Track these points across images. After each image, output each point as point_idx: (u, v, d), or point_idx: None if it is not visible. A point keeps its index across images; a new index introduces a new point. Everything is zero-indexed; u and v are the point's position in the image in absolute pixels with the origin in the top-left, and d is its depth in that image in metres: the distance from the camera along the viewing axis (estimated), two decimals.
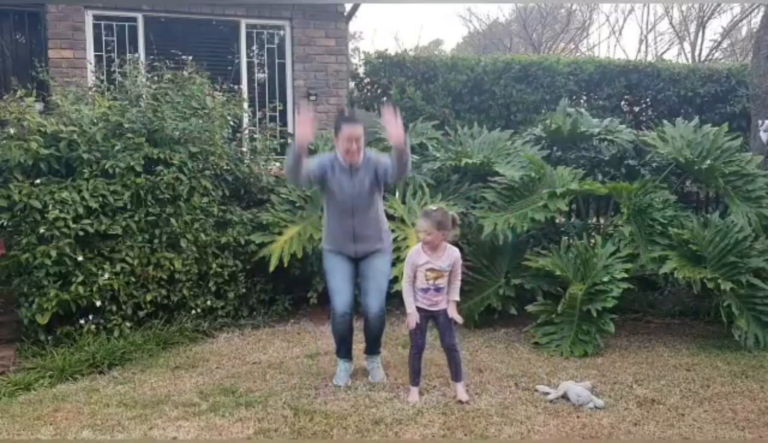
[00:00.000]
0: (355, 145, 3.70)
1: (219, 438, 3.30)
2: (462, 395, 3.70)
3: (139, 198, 5.04)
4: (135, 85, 5.67)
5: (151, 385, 4.06)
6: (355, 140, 3.69)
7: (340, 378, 3.96)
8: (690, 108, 9.27)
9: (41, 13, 7.14)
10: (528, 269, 5.23)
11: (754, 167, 5.59)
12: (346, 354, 4.04)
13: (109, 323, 4.84)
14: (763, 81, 6.89)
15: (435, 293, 3.73)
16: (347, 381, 3.93)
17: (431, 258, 3.69)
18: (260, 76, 8.08)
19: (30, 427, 3.45)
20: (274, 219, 5.61)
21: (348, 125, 3.72)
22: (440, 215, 3.65)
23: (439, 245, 3.69)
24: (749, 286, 4.79)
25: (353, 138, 3.69)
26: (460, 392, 3.72)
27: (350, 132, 3.70)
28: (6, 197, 4.71)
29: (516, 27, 23.00)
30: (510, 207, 5.49)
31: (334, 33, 8.09)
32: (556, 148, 6.50)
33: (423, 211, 3.78)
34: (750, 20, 18.43)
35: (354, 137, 3.69)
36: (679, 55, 20.74)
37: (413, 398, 3.71)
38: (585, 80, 9.44)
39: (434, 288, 3.72)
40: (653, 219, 5.17)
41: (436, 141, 6.58)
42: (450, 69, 9.06)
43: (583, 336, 4.68)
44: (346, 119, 3.77)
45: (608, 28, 30.97)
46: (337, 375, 3.99)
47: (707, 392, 3.87)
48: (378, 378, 4.05)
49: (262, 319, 5.52)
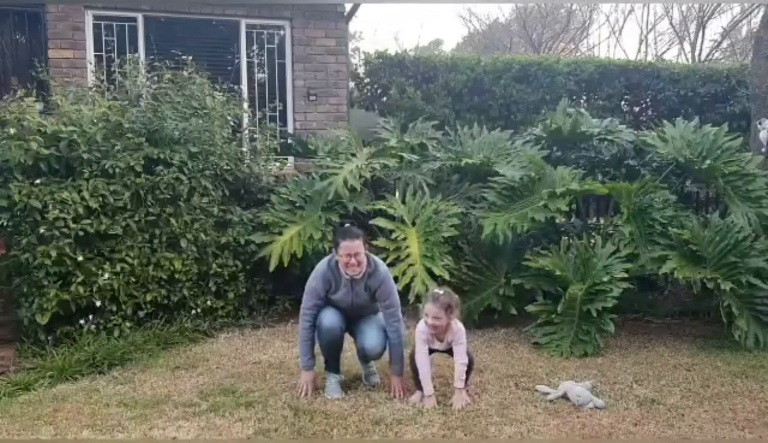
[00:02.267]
0: (354, 259, 3.73)
1: (219, 438, 3.30)
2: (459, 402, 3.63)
3: (139, 198, 5.03)
4: (135, 85, 5.67)
5: (151, 385, 4.06)
6: (354, 255, 3.73)
7: (332, 390, 3.85)
8: (690, 108, 9.28)
9: (41, 13, 7.14)
10: (528, 269, 5.22)
11: (754, 167, 5.59)
12: (334, 368, 3.94)
13: (109, 324, 4.84)
14: (763, 81, 6.90)
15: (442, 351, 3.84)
16: (341, 393, 3.84)
17: (434, 341, 3.75)
18: (260, 76, 8.08)
19: (30, 427, 3.45)
20: (274, 219, 5.60)
21: (346, 241, 3.74)
22: (448, 299, 3.67)
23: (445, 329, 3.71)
24: (749, 286, 4.79)
25: (352, 254, 3.73)
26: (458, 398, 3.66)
27: (348, 248, 3.73)
28: (6, 197, 4.70)
29: (516, 27, 22.98)
30: (510, 207, 5.49)
31: (334, 33, 8.09)
32: (556, 148, 6.50)
33: (431, 294, 3.73)
34: (750, 20, 18.44)
35: (353, 252, 3.73)
36: (679, 55, 20.74)
37: (414, 398, 3.71)
38: (585, 80, 9.45)
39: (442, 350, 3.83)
40: (653, 219, 5.17)
41: (436, 141, 6.58)
42: (450, 69, 9.07)
43: (583, 335, 4.68)
44: (344, 235, 3.78)
45: (608, 28, 30.94)
46: (328, 388, 3.87)
47: (707, 392, 3.87)
48: (374, 381, 4.03)
49: (262, 319, 5.51)
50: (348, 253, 3.72)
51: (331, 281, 3.85)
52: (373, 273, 3.84)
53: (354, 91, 9.25)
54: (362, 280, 3.84)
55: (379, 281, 3.84)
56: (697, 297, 5.44)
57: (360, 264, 3.77)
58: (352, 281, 3.83)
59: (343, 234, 3.81)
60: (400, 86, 8.84)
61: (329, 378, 3.91)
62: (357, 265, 3.76)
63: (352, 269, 3.76)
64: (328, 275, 3.85)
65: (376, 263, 3.89)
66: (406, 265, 5.28)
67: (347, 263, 3.75)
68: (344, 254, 3.73)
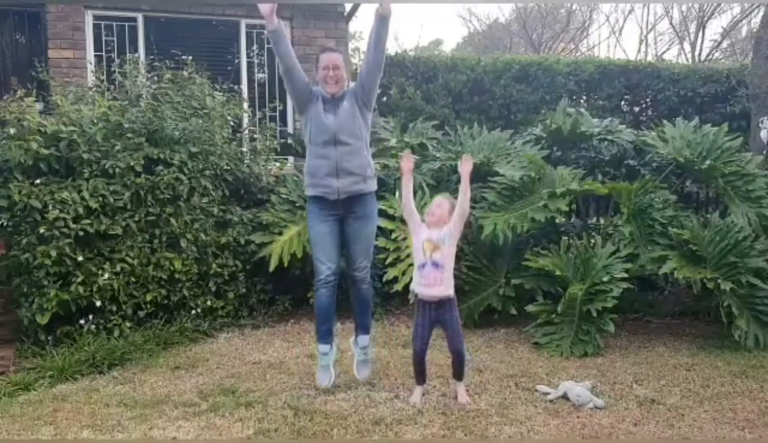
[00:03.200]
0: (332, 72, 3.66)
1: (219, 438, 3.30)
2: (462, 397, 3.69)
3: (139, 198, 5.03)
4: (135, 85, 5.67)
5: (151, 385, 4.06)
6: (332, 67, 3.66)
7: (322, 377, 3.80)
8: (690, 108, 9.28)
9: (41, 13, 7.13)
10: (528, 269, 5.22)
11: (754, 167, 5.59)
12: (326, 334, 3.84)
13: (109, 324, 4.84)
14: (763, 81, 6.90)
15: (433, 269, 3.65)
16: (330, 380, 3.79)
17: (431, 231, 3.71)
18: (260, 76, 8.07)
19: (30, 427, 3.45)
20: (274, 219, 5.60)
21: (326, 53, 3.71)
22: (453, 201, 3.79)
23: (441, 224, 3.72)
24: (749, 286, 4.79)
25: (330, 65, 3.66)
26: (461, 394, 3.71)
27: (328, 59, 3.67)
28: (6, 197, 4.70)
29: (516, 27, 22.99)
30: (510, 207, 5.49)
31: (334, 33, 8.08)
32: (556, 148, 6.50)
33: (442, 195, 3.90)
34: (750, 20, 18.44)
35: (332, 63, 3.66)
36: (679, 55, 20.75)
37: (414, 398, 3.70)
38: (585, 80, 9.44)
39: (431, 263, 3.65)
40: (653, 219, 5.17)
41: (436, 141, 6.58)
42: (450, 69, 9.07)
43: (583, 336, 4.68)
44: (324, 49, 3.77)
45: (608, 28, 31.01)
46: (319, 372, 3.82)
47: (707, 392, 3.87)
48: (363, 375, 3.96)
49: (262, 319, 5.52)
50: (326, 65, 3.65)
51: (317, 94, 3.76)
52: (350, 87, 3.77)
53: None
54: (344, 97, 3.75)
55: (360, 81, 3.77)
56: (697, 297, 5.44)
57: (338, 81, 3.69)
58: (333, 99, 3.73)
59: (323, 49, 3.78)
60: (400, 86, 8.84)
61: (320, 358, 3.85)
62: (335, 82, 3.68)
63: (331, 85, 3.68)
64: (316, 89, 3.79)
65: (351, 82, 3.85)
66: (406, 265, 5.28)
67: (326, 76, 3.67)
68: (323, 67, 3.67)
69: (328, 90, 3.72)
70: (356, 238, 3.86)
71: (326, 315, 3.86)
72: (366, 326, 4.05)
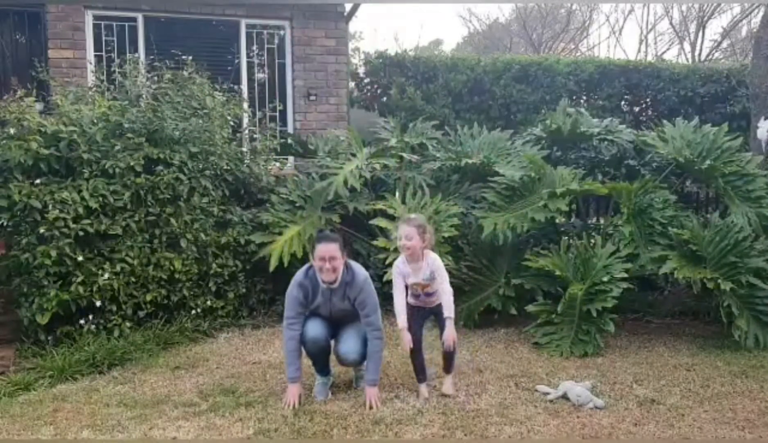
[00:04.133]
0: (328, 264, 3.61)
1: (219, 438, 3.30)
2: (448, 388, 3.77)
3: (139, 198, 5.04)
4: (135, 85, 5.67)
5: (151, 385, 4.06)
6: (328, 259, 3.61)
7: (319, 392, 3.83)
8: (690, 108, 9.29)
9: (41, 13, 7.13)
10: (528, 269, 5.22)
11: (754, 167, 5.59)
12: (321, 370, 3.90)
13: (109, 324, 4.84)
14: (763, 81, 6.90)
15: (426, 297, 3.83)
16: (327, 395, 3.82)
17: (413, 272, 3.74)
18: (260, 76, 8.07)
19: (30, 427, 3.45)
20: (274, 219, 5.60)
21: (321, 244, 3.63)
22: (420, 220, 3.75)
23: (420, 254, 3.72)
24: (749, 286, 4.79)
25: (326, 258, 3.61)
26: (447, 385, 3.79)
27: (323, 251, 3.62)
28: (6, 197, 4.71)
29: (516, 27, 22.97)
30: (510, 207, 5.49)
31: (334, 33, 8.08)
32: (556, 148, 6.50)
33: (402, 218, 3.81)
34: (750, 20, 18.44)
35: (327, 256, 3.61)
36: (679, 55, 20.75)
37: (422, 394, 3.75)
38: (585, 80, 9.44)
39: (424, 295, 3.82)
40: (653, 219, 5.17)
41: (436, 141, 6.58)
42: (450, 69, 9.07)
43: (583, 336, 4.68)
44: (320, 238, 3.70)
45: (608, 28, 30.99)
46: (316, 388, 3.86)
47: (707, 392, 3.87)
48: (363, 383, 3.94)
49: (262, 319, 5.52)
50: (322, 257, 3.61)
51: (309, 288, 3.73)
52: (351, 282, 3.71)
53: (354, 91, 9.25)
54: (340, 289, 3.72)
55: (358, 289, 3.71)
56: (697, 297, 5.44)
57: (335, 270, 3.64)
58: (330, 290, 3.72)
59: (318, 238, 3.72)
60: (400, 86, 8.84)
61: (317, 379, 3.90)
62: (332, 271, 3.63)
63: (326, 274, 3.64)
64: (305, 283, 3.73)
65: (354, 272, 3.74)
66: None
67: (321, 267, 3.63)
68: (318, 258, 3.63)
69: (325, 280, 3.69)
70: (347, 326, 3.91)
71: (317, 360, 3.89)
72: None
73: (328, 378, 3.93)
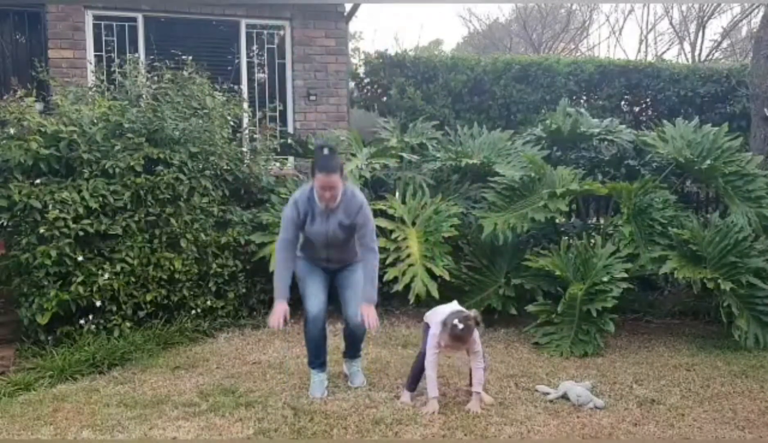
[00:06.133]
0: (329, 193, 3.62)
1: (219, 438, 3.30)
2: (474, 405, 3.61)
3: (139, 198, 5.03)
4: (135, 85, 5.66)
5: (151, 385, 4.06)
6: (329, 188, 3.61)
7: (315, 389, 3.82)
8: (690, 108, 9.28)
9: (41, 13, 7.13)
10: (528, 269, 5.23)
11: (754, 167, 5.60)
12: (320, 365, 3.88)
13: (109, 324, 4.84)
14: (763, 81, 6.89)
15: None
16: (324, 392, 3.81)
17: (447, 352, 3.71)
18: (260, 76, 8.07)
19: (30, 427, 3.45)
20: (274, 219, 5.59)
21: (322, 174, 3.58)
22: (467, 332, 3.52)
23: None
24: (749, 286, 4.79)
25: (327, 187, 3.60)
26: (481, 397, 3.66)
27: (324, 181, 3.60)
28: (6, 197, 4.70)
29: (516, 27, 22.96)
30: (510, 207, 5.49)
31: (334, 33, 8.08)
32: (556, 148, 6.50)
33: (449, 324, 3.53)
34: (750, 20, 18.42)
35: (328, 186, 3.60)
36: (679, 55, 20.73)
37: (405, 399, 3.70)
38: (585, 80, 9.44)
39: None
40: (653, 219, 5.17)
41: (436, 141, 6.58)
42: (450, 69, 9.07)
43: (583, 336, 4.69)
44: (321, 167, 3.59)
45: (608, 28, 30.96)
46: (313, 386, 3.85)
47: (707, 392, 3.87)
48: (357, 382, 3.97)
49: (262, 319, 5.51)
50: (322, 186, 3.60)
51: (307, 209, 3.70)
52: (349, 202, 3.70)
53: (354, 91, 9.25)
54: (338, 210, 3.70)
55: (357, 207, 3.69)
56: (697, 297, 5.44)
57: (334, 198, 3.65)
58: (327, 210, 3.69)
59: (320, 165, 3.61)
60: (400, 86, 8.84)
61: (313, 376, 3.87)
62: (331, 199, 3.64)
63: (325, 201, 3.65)
64: (304, 203, 3.70)
65: (354, 193, 3.74)
66: (407, 265, 5.28)
67: (321, 196, 3.64)
68: (319, 186, 3.62)
69: (324, 205, 3.68)
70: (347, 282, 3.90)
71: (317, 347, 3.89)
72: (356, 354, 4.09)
73: (325, 374, 3.92)
